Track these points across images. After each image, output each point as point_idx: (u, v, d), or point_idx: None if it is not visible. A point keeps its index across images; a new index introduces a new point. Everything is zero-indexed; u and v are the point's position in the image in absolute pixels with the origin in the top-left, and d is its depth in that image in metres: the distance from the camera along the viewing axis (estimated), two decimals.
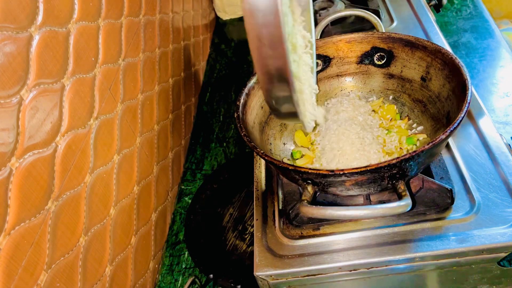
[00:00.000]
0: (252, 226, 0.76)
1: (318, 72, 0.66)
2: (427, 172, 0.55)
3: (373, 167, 0.43)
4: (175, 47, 0.98)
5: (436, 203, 0.52)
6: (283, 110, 0.45)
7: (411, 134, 0.59)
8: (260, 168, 0.65)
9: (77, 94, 0.55)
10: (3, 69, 0.43)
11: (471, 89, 0.48)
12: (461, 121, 0.45)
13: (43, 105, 0.48)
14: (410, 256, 0.49)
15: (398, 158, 0.43)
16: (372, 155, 0.54)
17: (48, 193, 0.48)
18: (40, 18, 0.49)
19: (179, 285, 0.73)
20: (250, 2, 0.34)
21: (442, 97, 0.56)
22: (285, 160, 0.61)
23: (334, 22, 0.90)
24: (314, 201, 0.55)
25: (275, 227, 0.56)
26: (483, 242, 0.48)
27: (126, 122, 0.69)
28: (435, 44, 0.56)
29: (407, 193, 0.45)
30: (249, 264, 0.70)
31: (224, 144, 0.97)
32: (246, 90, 0.59)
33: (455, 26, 1.04)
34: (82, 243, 0.54)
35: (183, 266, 0.75)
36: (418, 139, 0.58)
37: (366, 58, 0.65)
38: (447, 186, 0.52)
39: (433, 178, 0.54)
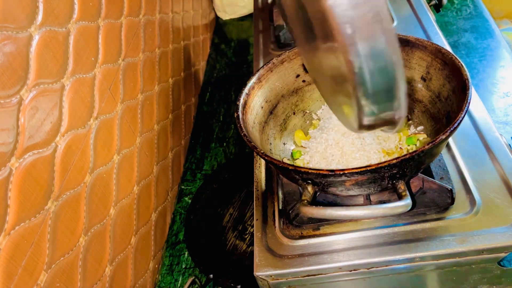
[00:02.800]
0: (252, 226, 0.76)
1: None
2: (427, 172, 0.55)
3: (373, 167, 0.43)
4: (175, 47, 0.98)
5: (436, 203, 0.52)
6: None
7: (411, 134, 0.59)
8: (260, 168, 0.65)
9: (77, 94, 0.55)
10: (3, 69, 0.43)
11: (471, 89, 0.48)
12: (461, 121, 0.45)
13: (43, 105, 0.48)
14: (410, 256, 0.49)
15: (398, 158, 0.43)
16: (372, 155, 0.54)
17: (48, 193, 0.48)
18: (40, 18, 0.49)
19: (179, 285, 0.73)
20: None
21: (442, 97, 0.56)
22: (285, 160, 0.61)
23: None
24: (314, 201, 0.55)
25: (275, 227, 0.56)
26: (483, 242, 0.48)
27: (126, 122, 0.69)
28: (435, 44, 0.56)
29: (407, 193, 0.45)
30: (249, 264, 0.70)
31: (224, 144, 0.97)
32: (246, 90, 0.59)
33: (455, 26, 1.04)
34: (82, 243, 0.54)
35: (183, 266, 0.75)
36: (418, 139, 0.58)
37: None
38: (447, 186, 0.51)
39: (433, 178, 0.54)
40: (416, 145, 0.57)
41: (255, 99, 0.60)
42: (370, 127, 0.43)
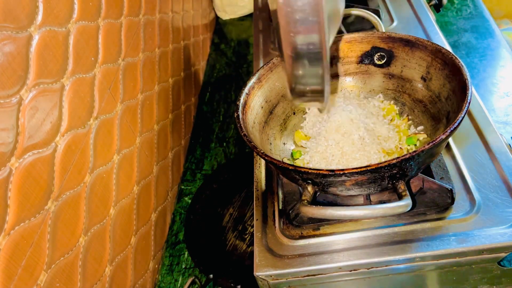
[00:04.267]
0: (252, 226, 0.76)
1: None
2: (427, 172, 0.55)
3: (373, 167, 0.43)
4: (175, 47, 0.98)
5: (436, 203, 0.52)
6: (309, 89, 0.46)
7: (411, 134, 0.59)
8: (260, 168, 0.65)
9: (76, 94, 0.55)
10: (2, 69, 0.42)
11: (471, 89, 0.48)
12: (461, 121, 0.44)
13: (42, 105, 0.48)
14: (410, 256, 0.49)
15: (398, 158, 0.43)
16: (372, 155, 0.54)
17: (47, 193, 0.48)
18: (39, 17, 0.49)
19: (179, 285, 0.73)
20: None
21: (442, 97, 0.55)
22: (285, 160, 0.61)
23: None
24: (314, 201, 0.55)
25: (275, 227, 0.56)
26: (483, 242, 0.48)
27: (126, 122, 0.69)
28: (435, 44, 0.56)
29: (407, 193, 0.45)
30: (249, 264, 0.70)
31: (224, 144, 0.97)
32: (246, 90, 0.59)
33: (455, 26, 1.04)
34: (82, 243, 0.54)
35: (183, 266, 0.75)
36: (418, 139, 0.58)
37: (366, 58, 0.65)
38: (447, 186, 0.51)
39: (433, 178, 0.54)
40: (416, 145, 0.57)
41: (255, 99, 0.60)
42: (300, 94, 0.48)
